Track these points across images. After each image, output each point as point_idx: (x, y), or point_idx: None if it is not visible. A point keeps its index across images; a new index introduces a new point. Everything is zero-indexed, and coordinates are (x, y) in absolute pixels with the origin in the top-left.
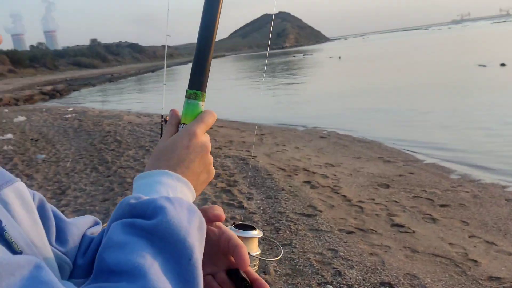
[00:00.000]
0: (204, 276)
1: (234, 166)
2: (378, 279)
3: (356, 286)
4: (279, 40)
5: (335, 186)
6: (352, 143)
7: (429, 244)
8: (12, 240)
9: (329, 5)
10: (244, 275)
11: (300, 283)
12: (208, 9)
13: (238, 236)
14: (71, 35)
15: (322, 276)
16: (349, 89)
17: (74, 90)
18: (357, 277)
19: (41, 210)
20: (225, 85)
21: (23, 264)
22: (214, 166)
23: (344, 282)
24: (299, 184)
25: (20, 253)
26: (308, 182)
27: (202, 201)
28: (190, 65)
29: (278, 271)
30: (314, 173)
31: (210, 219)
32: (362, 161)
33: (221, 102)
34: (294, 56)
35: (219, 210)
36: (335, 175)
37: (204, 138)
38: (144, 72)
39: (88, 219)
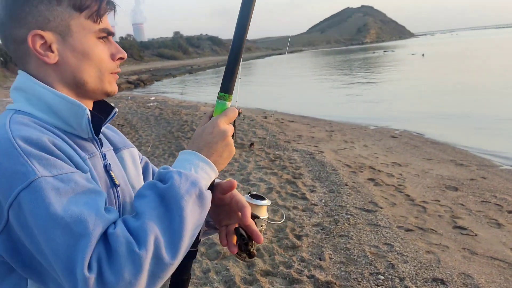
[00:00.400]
0: (221, 226)
1: (300, 159)
2: (431, 275)
3: (408, 279)
4: (359, 36)
5: (400, 185)
6: (424, 144)
7: (490, 247)
8: (114, 176)
9: None
10: (243, 232)
11: (353, 271)
12: (238, 27)
13: (251, 204)
14: (157, 27)
15: (375, 267)
16: (428, 89)
17: (156, 80)
18: (410, 271)
19: (145, 168)
20: (300, 80)
21: (94, 190)
22: (281, 159)
23: (396, 275)
24: (363, 181)
25: (118, 186)
26: (372, 179)
27: (267, 190)
28: (266, 59)
29: (333, 258)
30: (379, 171)
31: (225, 189)
32: (432, 162)
33: (294, 97)
34: (373, 53)
35: (231, 182)
36: (401, 174)
37: (225, 126)
38: (221, 65)
39: None
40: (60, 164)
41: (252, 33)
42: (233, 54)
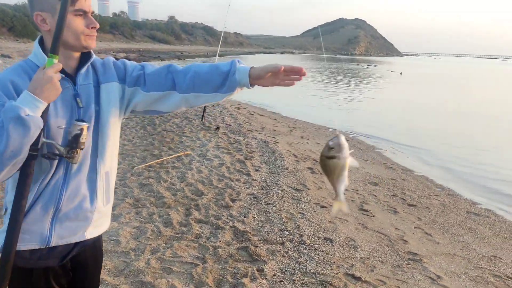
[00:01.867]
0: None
1: (256, 145)
2: (324, 236)
3: (306, 236)
4: (349, 46)
5: None
6: (368, 149)
7: (379, 225)
8: (79, 101)
9: (408, 19)
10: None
11: (267, 227)
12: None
13: None
14: (152, 8)
15: (285, 226)
16: (389, 104)
17: (143, 61)
18: (309, 232)
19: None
20: None
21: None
22: (239, 143)
23: (298, 233)
24: (303, 168)
25: (82, 107)
26: (311, 168)
27: (219, 164)
28: (256, 55)
29: (255, 217)
30: None
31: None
32: (367, 163)
33: (273, 95)
34: (357, 65)
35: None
36: None
37: (51, 73)
38: (212, 55)
39: None
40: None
41: (247, 29)
42: (59, 23)
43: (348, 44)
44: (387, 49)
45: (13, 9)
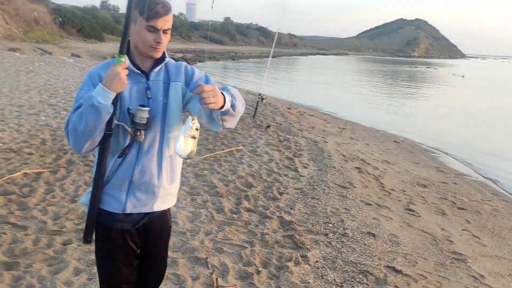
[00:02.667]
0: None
1: (305, 144)
2: (367, 230)
3: (349, 229)
4: (407, 48)
5: (379, 176)
6: (420, 152)
7: (425, 225)
8: (148, 93)
9: (473, 20)
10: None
11: (312, 219)
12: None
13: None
14: (209, 10)
15: (329, 219)
16: (448, 110)
17: (199, 61)
18: (353, 226)
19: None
20: (339, 81)
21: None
22: (289, 141)
23: (342, 226)
24: (350, 167)
25: (150, 98)
26: (358, 168)
27: (268, 160)
28: (310, 57)
29: (301, 210)
30: (368, 164)
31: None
32: (418, 166)
33: (324, 95)
34: (416, 67)
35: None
36: (385, 169)
37: (118, 69)
38: (265, 56)
39: None
40: (88, 85)
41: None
42: (124, 30)
43: (407, 46)
44: (450, 50)
45: (82, 11)
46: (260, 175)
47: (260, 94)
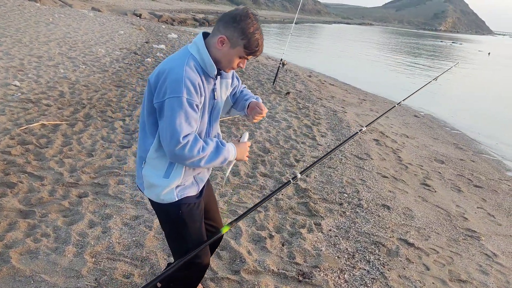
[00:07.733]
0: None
1: (324, 113)
2: (382, 202)
3: (364, 200)
4: (434, 21)
5: (397, 149)
6: (439, 128)
7: (440, 200)
8: (216, 94)
9: None
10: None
11: (327, 187)
12: None
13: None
14: None
15: (344, 189)
16: (471, 87)
17: None
18: (368, 197)
19: (233, 90)
20: (358, 52)
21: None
22: (308, 109)
23: (357, 196)
24: (369, 139)
25: (216, 99)
26: (376, 140)
27: (286, 127)
28: (333, 25)
29: (316, 178)
30: (387, 136)
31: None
32: (436, 141)
33: (346, 65)
34: (441, 42)
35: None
36: (404, 143)
37: (246, 147)
38: (288, 22)
39: None
40: (194, 94)
41: None
42: None
43: (434, 19)
44: (478, 26)
45: None
46: (277, 141)
47: (281, 60)
